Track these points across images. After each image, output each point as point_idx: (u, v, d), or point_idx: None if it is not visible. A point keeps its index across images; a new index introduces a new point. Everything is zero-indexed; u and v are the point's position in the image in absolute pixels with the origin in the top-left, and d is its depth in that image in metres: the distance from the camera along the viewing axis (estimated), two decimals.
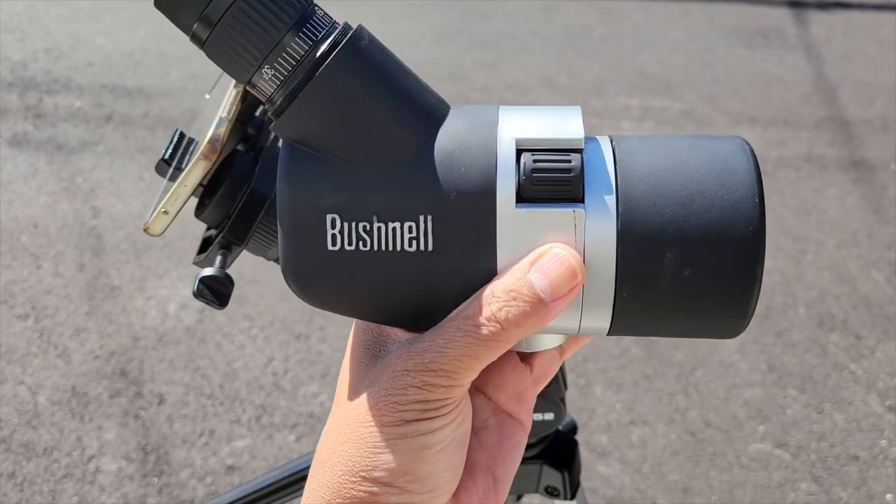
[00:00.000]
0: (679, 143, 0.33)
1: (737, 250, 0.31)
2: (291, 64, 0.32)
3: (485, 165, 0.32)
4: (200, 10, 0.31)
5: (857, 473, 1.59)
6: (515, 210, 0.31)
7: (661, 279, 0.31)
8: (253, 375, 1.72)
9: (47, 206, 2.15)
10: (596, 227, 0.31)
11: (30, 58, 2.76)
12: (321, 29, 0.32)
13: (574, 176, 0.31)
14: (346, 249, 0.32)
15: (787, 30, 3.18)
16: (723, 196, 0.31)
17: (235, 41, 0.31)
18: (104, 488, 1.51)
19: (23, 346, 1.77)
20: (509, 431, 0.39)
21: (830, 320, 1.91)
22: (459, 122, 0.33)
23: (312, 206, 0.32)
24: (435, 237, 0.32)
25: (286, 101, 0.32)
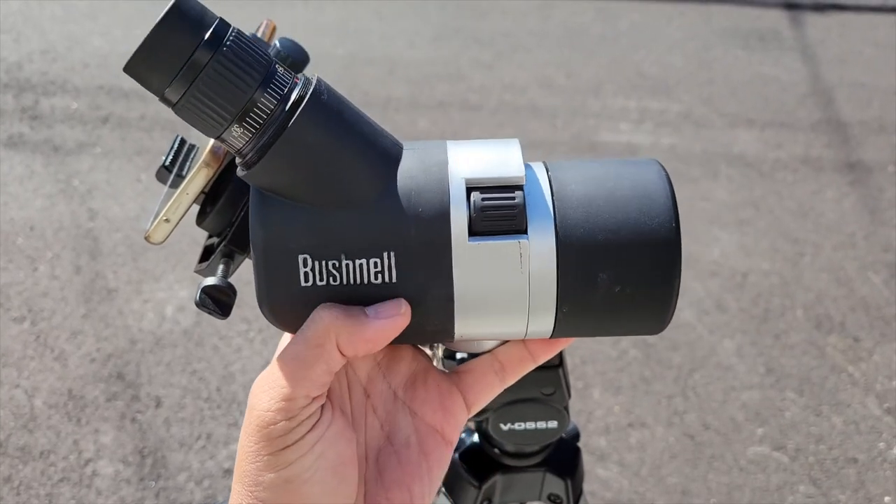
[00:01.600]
0: (606, 171, 0.38)
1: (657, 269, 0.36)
2: (260, 120, 0.34)
3: (439, 205, 0.35)
4: (171, 76, 0.33)
5: (855, 476, 1.59)
6: (469, 243, 0.35)
7: (595, 296, 0.36)
8: (250, 378, 1.72)
9: (44, 208, 2.14)
10: (538, 255, 0.36)
11: (25, 59, 2.75)
12: (285, 84, 0.35)
13: (518, 211, 0.35)
14: (317, 285, 0.36)
15: (784, 31, 3.18)
16: (645, 223, 0.36)
17: (206, 103, 0.33)
18: (101, 492, 1.50)
19: (19, 349, 1.76)
20: (431, 448, 0.40)
21: (828, 322, 1.91)
22: (413, 162, 0.37)
23: (285, 248, 0.35)
24: (398, 270, 0.36)
25: (256, 155, 0.34)
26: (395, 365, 0.42)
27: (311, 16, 3.13)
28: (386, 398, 0.41)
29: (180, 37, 0.33)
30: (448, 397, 0.41)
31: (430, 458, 0.40)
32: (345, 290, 0.36)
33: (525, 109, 2.64)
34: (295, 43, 0.46)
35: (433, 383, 0.41)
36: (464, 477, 0.57)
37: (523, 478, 0.56)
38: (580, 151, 2.45)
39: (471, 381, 0.42)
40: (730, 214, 2.23)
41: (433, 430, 0.41)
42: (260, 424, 0.35)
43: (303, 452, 0.35)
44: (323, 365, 0.35)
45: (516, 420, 0.52)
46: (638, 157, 2.43)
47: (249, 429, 0.36)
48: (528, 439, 0.53)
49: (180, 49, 0.33)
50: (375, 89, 2.69)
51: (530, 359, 0.42)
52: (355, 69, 2.79)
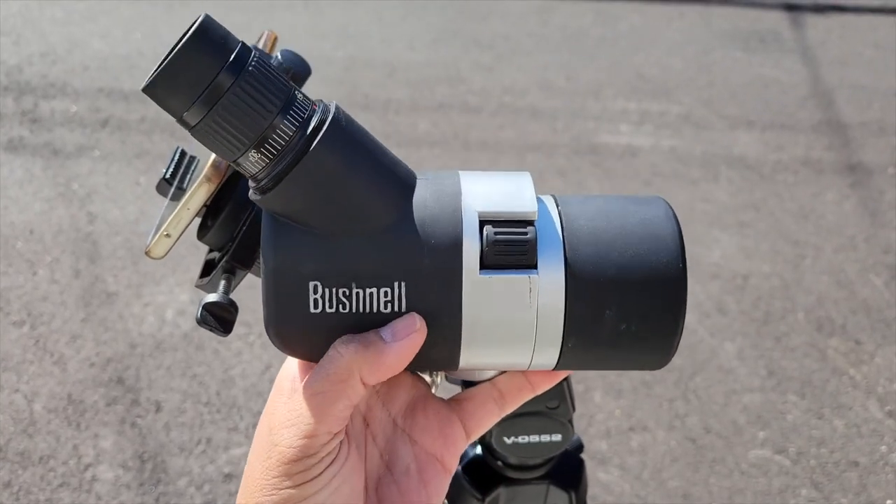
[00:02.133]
0: (615, 208, 0.38)
1: (663, 308, 0.37)
2: (278, 148, 0.34)
3: (452, 236, 0.35)
4: (192, 99, 0.33)
5: (857, 479, 1.59)
6: (479, 276, 0.35)
7: (601, 332, 0.37)
8: (250, 382, 1.71)
9: (43, 211, 2.14)
10: (547, 290, 0.36)
11: (25, 61, 2.75)
12: (304, 111, 0.34)
13: (529, 247, 0.36)
14: (327, 312, 0.36)
15: (784, 33, 3.18)
16: (652, 262, 0.36)
17: (225, 128, 0.33)
18: (101, 497, 1.50)
19: (18, 353, 1.76)
20: (430, 476, 0.40)
21: (829, 325, 1.90)
22: (427, 192, 0.37)
23: (296, 273, 0.35)
24: (408, 300, 0.36)
25: (272, 181, 0.34)
26: (393, 392, 0.41)
27: (311, 19, 3.12)
28: (385, 426, 0.41)
29: (204, 60, 0.32)
30: (448, 425, 0.41)
31: (429, 487, 0.40)
32: (354, 318, 0.36)
33: (525, 112, 2.64)
34: (297, 55, 0.46)
35: (433, 411, 0.41)
36: (467, 489, 0.56)
37: (526, 490, 0.56)
38: (580, 154, 2.44)
39: (471, 408, 0.42)
40: (730, 216, 2.22)
41: (433, 459, 0.40)
42: (282, 460, 0.35)
43: (320, 487, 0.35)
44: (346, 400, 0.35)
45: (520, 433, 0.52)
46: (638, 159, 2.43)
47: (269, 463, 0.36)
48: (531, 452, 0.52)
49: (203, 72, 0.32)
50: (375, 92, 2.68)
51: (530, 388, 0.42)
52: (355, 72, 2.79)
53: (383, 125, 2.52)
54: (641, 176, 2.36)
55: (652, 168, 2.40)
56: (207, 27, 0.33)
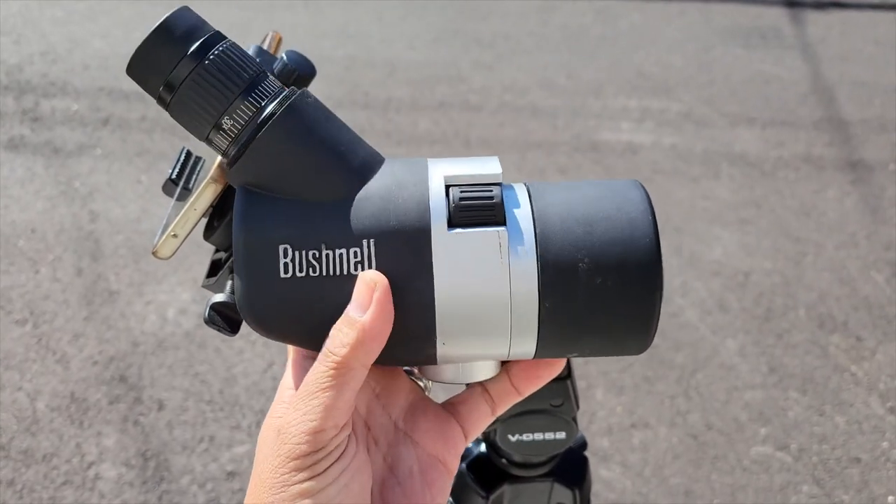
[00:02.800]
0: (581, 183, 0.39)
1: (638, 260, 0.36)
2: (241, 123, 0.37)
3: (419, 197, 0.36)
4: (164, 77, 0.37)
5: (858, 476, 1.59)
6: (448, 233, 0.36)
7: (577, 287, 0.36)
8: (252, 380, 1.72)
9: (45, 210, 2.14)
10: (518, 245, 0.36)
11: (26, 61, 2.75)
12: (269, 93, 0.37)
13: (496, 203, 0.36)
14: (297, 276, 0.36)
15: (784, 30, 3.18)
16: (622, 217, 0.36)
17: (194, 104, 0.37)
18: (104, 495, 1.50)
19: (21, 351, 1.76)
20: (433, 477, 0.41)
21: (831, 322, 1.91)
22: (394, 167, 0.38)
23: (266, 238, 0.36)
24: (378, 259, 0.36)
25: (238, 152, 0.37)
26: (393, 396, 0.42)
27: (312, 18, 3.12)
28: (387, 430, 0.41)
29: (166, 49, 0.36)
30: (447, 426, 0.42)
31: (433, 488, 0.40)
32: (325, 282, 0.36)
33: (526, 110, 2.64)
34: (301, 55, 0.46)
35: (431, 412, 0.42)
36: (471, 487, 0.57)
37: (531, 488, 0.56)
38: (581, 151, 2.45)
39: (465, 411, 0.42)
40: (731, 214, 2.22)
41: (435, 460, 0.41)
42: (291, 456, 0.35)
43: (329, 482, 0.36)
44: (349, 392, 0.36)
45: (524, 431, 0.52)
46: (639, 156, 2.43)
47: (279, 461, 0.36)
48: (535, 450, 0.53)
49: (168, 60, 0.36)
50: (376, 91, 2.68)
51: (515, 393, 0.42)
52: (356, 71, 2.79)
53: (384, 124, 2.52)
54: (642, 173, 2.37)
55: (653, 165, 2.40)
56: (181, 15, 0.37)
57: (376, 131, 2.46)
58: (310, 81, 0.46)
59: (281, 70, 0.45)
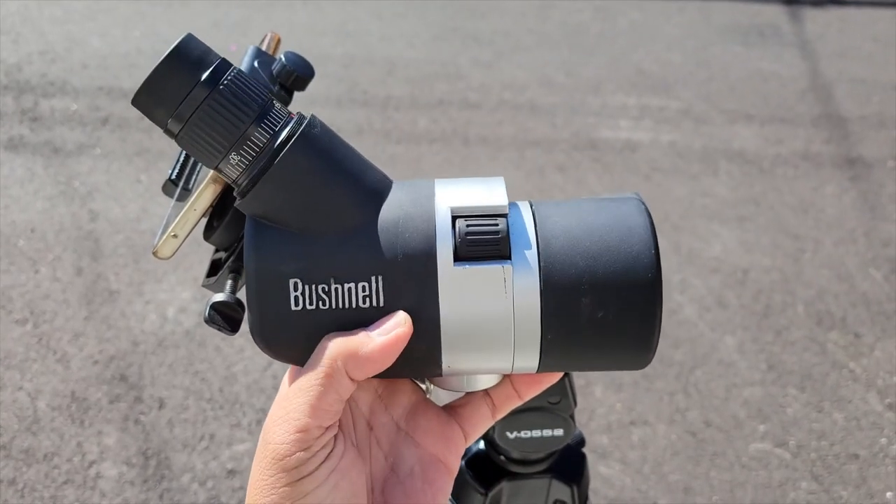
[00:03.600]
0: (587, 207, 0.39)
1: (639, 294, 0.37)
2: (253, 153, 0.36)
3: (425, 231, 0.37)
4: (173, 109, 0.36)
5: (857, 472, 1.59)
6: (454, 268, 0.36)
7: (579, 321, 0.37)
8: (253, 379, 1.72)
9: (44, 210, 2.15)
10: (522, 280, 0.36)
11: (24, 60, 2.75)
12: (279, 121, 0.37)
13: (501, 237, 0.36)
14: (307, 309, 0.37)
15: (783, 27, 3.18)
16: (625, 250, 0.37)
17: (204, 135, 0.36)
18: (105, 494, 1.51)
19: (21, 351, 1.77)
20: (434, 477, 0.41)
21: (829, 318, 1.91)
22: (402, 194, 0.38)
23: (276, 272, 0.37)
24: (385, 294, 0.37)
25: (250, 184, 0.37)
26: (395, 397, 0.42)
27: (310, 16, 3.12)
28: (389, 430, 0.42)
29: (179, 77, 0.36)
30: (448, 427, 0.42)
31: (433, 487, 0.41)
32: (334, 315, 0.37)
33: (525, 108, 2.64)
34: (300, 57, 0.46)
35: (433, 414, 0.43)
36: (470, 484, 0.57)
37: (529, 484, 0.56)
38: (580, 149, 2.45)
39: (466, 413, 0.43)
40: (730, 211, 2.23)
41: (436, 460, 0.41)
42: (276, 457, 0.36)
43: (318, 483, 0.36)
44: (333, 394, 0.36)
45: (522, 428, 0.52)
46: (637, 154, 2.43)
47: (264, 462, 0.36)
48: (533, 447, 0.53)
49: (179, 88, 0.36)
50: (375, 89, 2.69)
51: (516, 397, 0.43)
52: (355, 69, 2.79)
53: (383, 122, 2.52)
54: (641, 171, 2.37)
55: (651, 163, 2.40)
56: (187, 44, 0.36)
57: (375, 130, 2.47)
58: (308, 82, 0.46)
59: (280, 71, 0.45)
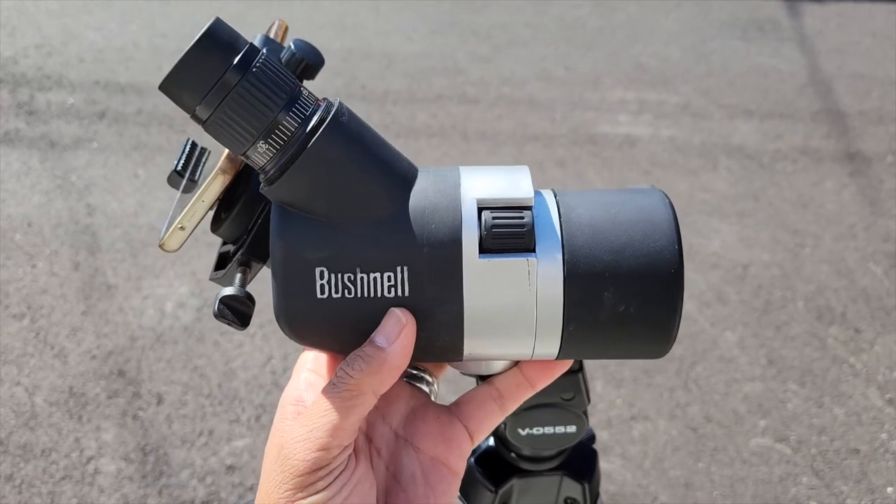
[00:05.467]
0: (611, 199, 0.39)
1: (661, 289, 0.37)
2: (283, 140, 0.36)
3: (452, 222, 0.37)
4: (203, 94, 0.35)
5: (857, 467, 1.59)
6: (479, 260, 0.37)
7: (600, 314, 0.37)
8: (252, 374, 1.71)
9: (41, 204, 2.13)
10: (546, 273, 0.37)
11: (20, 54, 2.73)
12: (308, 107, 0.37)
13: (527, 230, 0.37)
14: (332, 297, 0.37)
15: (782, 22, 3.17)
16: (648, 245, 0.37)
17: (234, 121, 0.36)
18: (103, 489, 1.50)
19: (19, 346, 1.76)
20: (436, 480, 0.41)
21: (829, 314, 1.91)
22: (428, 183, 0.39)
23: (303, 260, 0.37)
24: (410, 284, 0.37)
25: (278, 171, 0.37)
26: (391, 406, 0.42)
27: (308, 10, 3.11)
28: (388, 439, 0.42)
29: (213, 59, 0.35)
30: (449, 428, 0.42)
31: (437, 491, 0.41)
32: (359, 303, 0.37)
33: (523, 102, 2.63)
34: (309, 44, 0.45)
35: (432, 416, 0.42)
36: (480, 481, 0.57)
37: (540, 482, 0.56)
38: (579, 144, 2.44)
39: (470, 410, 0.43)
40: (730, 206, 2.22)
41: (437, 463, 0.41)
42: (295, 473, 0.36)
43: (331, 496, 0.36)
44: (357, 414, 0.37)
45: (535, 425, 0.52)
46: (637, 149, 2.43)
47: (283, 476, 0.37)
48: (545, 444, 0.52)
49: (211, 72, 0.35)
50: (373, 83, 2.67)
51: (528, 385, 0.43)
52: (353, 63, 2.78)
53: (381, 116, 2.51)
54: (640, 166, 2.36)
55: (651, 158, 2.40)
56: (217, 28, 0.35)
57: (374, 124, 2.42)
58: (318, 71, 0.45)
59: (289, 59, 0.44)
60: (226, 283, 0.42)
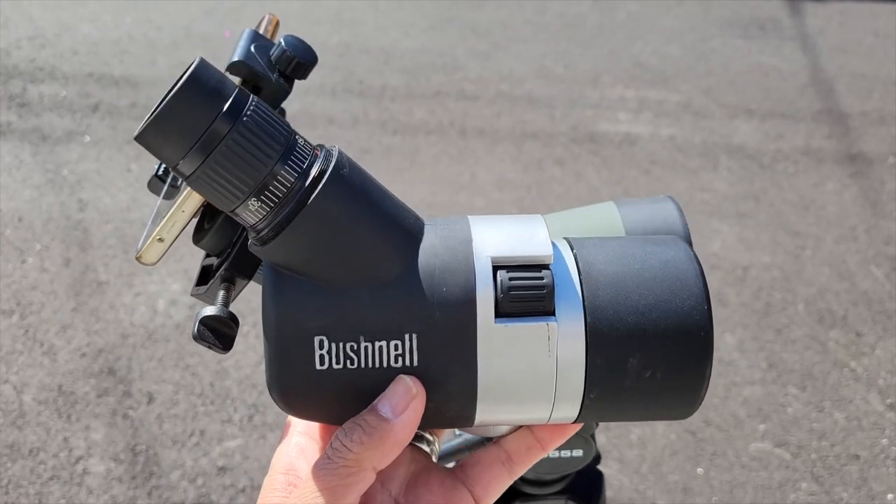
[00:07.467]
0: (632, 250, 0.36)
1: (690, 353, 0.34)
2: (278, 196, 0.32)
3: (465, 285, 0.34)
4: (187, 148, 0.31)
5: (857, 473, 1.57)
6: (495, 325, 0.33)
7: (625, 381, 0.34)
8: (244, 374, 1.69)
9: (32, 198, 2.10)
10: (567, 338, 0.34)
11: (13, 45, 2.70)
12: (305, 158, 0.33)
13: (547, 292, 0.33)
14: (333, 368, 0.34)
15: (783, 21, 3.15)
16: (676, 306, 0.34)
17: (223, 177, 0.31)
18: (92, 490, 1.47)
19: (7, 343, 1.73)
20: None
21: (830, 317, 1.89)
22: (436, 239, 0.35)
23: (300, 328, 0.33)
24: (420, 353, 0.34)
25: (273, 231, 0.33)
26: (391, 471, 0.39)
27: (305, 4, 3.07)
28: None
29: (198, 107, 0.31)
30: (454, 494, 0.39)
31: None
32: (363, 374, 0.34)
33: (522, 100, 2.61)
34: (301, 41, 0.42)
35: (435, 481, 0.39)
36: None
37: None
38: (578, 142, 2.41)
39: (476, 473, 0.40)
40: (730, 207, 2.20)
41: None
42: None
43: None
44: (357, 491, 0.34)
45: None
46: (637, 147, 2.40)
47: None
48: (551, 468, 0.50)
49: (198, 120, 0.31)
50: (371, 78, 2.64)
51: (539, 448, 0.40)
52: (350, 58, 2.75)
53: (379, 112, 2.48)
54: (640, 165, 2.34)
55: (650, 157, 2.37)
56: (201, 73, 0.31)
57: (371, 120, 2.43)
58: (310, 70, 0.43)
59: (279, 57, 0.41)
60: (208, 301, 0.39)
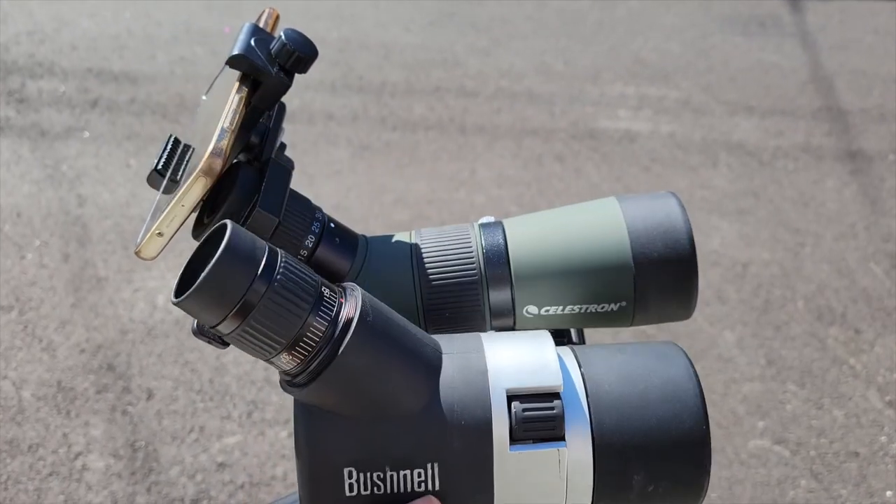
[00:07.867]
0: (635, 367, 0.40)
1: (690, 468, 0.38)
2: (311, 346, 0.35)
3: (482, 417, 0.37)
4: (226, 312, 0.33)
5: (856, 470, 1.57)
6: (509, 452, 0.37)
7: (630, 495, 0.38)
8: (244, 370, 1.68)
9: (31, 194, 2.10)
10: (576, 460, 0.38)
11: (12, 40, 2.69)
12: (333, 305, 0.36)
13: (557, 420, 0.37)
14: (362, 494, 0.37)
15: (784, 18, 3.15)
16: (677, 425, 0.38)
17: (262, 332, 0.34)
18: (91, 486, 1.47)
19: (6, 339, 1.73)
20: None
21: (829, 314, 1.89)
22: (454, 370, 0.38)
23: (330, 461, 0.37)
24: (441, 479, 0.37)
25: (307, 378, 0.36)
26: None
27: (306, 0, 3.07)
28: None
29: (235, 276, 0.33)
30: None
31: None
32: (388, 498, 0.37)
33: (522, 96, 2.60)
34: (301, 34, 0.42)
35: None
36: None
37: None
38: (578, 139, 2.41)
39: None
40: (730, 203, 2.20)
41: None
42: None
43: None
44: None
45: None
46: (636, 144, 2.40)
47: None
48: None
49: (236, 286, 0.33)
50: (370, 74, 2.64)
51: None
52: (350, 54, 2.74)
53: (378, 108, 2.48)
54: (640, 162, 2.34)
55: (650, 154, 2.37)
56: (236, 239, 0.34)
57: (370, 116, 2.42)
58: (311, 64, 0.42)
59: (279, 51, 0.41)
60: None
